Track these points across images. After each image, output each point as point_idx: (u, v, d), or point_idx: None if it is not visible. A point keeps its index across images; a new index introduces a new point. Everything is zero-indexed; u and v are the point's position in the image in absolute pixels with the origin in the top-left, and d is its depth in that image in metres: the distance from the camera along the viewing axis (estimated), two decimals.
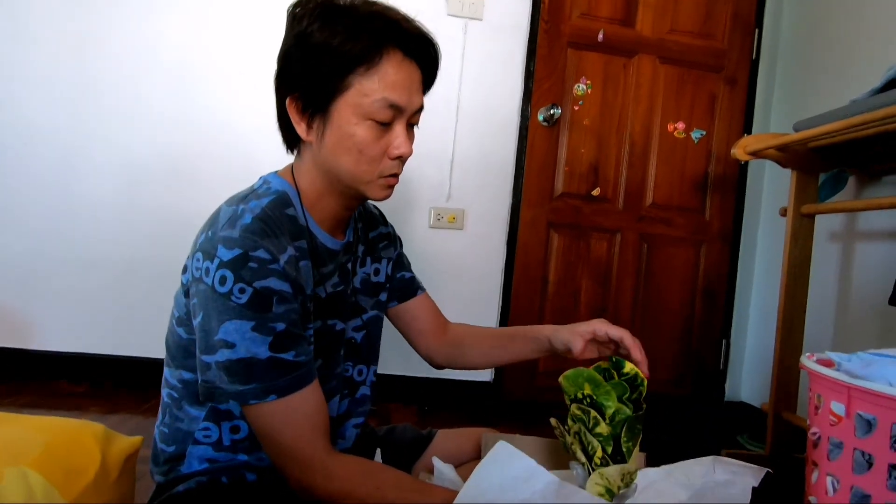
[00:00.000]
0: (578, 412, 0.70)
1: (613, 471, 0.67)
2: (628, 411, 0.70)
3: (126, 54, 1.84)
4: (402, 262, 0.95)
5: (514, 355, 0.92)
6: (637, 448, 0.70)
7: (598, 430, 0.68)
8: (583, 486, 0.67)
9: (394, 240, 0.94)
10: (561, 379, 0.73)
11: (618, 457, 0.69)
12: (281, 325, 0.66)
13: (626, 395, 0.72)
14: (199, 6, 1.86)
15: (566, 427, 0.72)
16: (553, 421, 0.75)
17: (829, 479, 0.64)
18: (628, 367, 0.73)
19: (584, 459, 0.69)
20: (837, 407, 0.64)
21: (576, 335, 0.81)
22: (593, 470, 0.68)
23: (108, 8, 1.82)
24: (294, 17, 0.70)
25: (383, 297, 0.91)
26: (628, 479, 0.67)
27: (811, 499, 0.68)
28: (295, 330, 0.67)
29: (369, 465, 0.71)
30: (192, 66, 1.86)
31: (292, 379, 0.66)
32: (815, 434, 0.68)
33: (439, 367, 0.97)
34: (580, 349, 0.80)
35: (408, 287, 0.95)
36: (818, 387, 0.68)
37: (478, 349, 0.94)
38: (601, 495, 0.65)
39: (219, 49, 1.87)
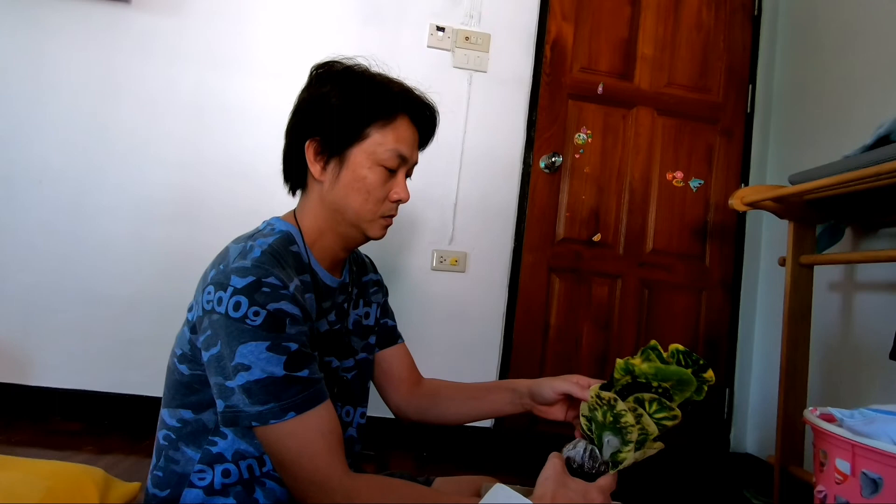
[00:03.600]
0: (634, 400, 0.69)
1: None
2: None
3: (140, 99, 1.90)
4: (386, 310, 1.00)
5: (490, 408, 0.92)
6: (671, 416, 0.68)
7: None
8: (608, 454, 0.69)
9: (382, 287, 1.01)
10: (642, 365, 0.69)
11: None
12: (294, 345, 0.69)
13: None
14: (209, 53, 1.94)
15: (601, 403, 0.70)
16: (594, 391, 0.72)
17: None
18: (709, 374, 0.70)
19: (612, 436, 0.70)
20: (842, 465, 0.63)
21: (571, 383, 0.80)
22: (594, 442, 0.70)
23: (124, 55, 1.90)
24: (319, 78, 0.81)
25: (372, 340, 0.94)
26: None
27: None
28: (307, 350, 0.71)
29: (389, 481, 0.72)
30: (203, 111, 1.93)
31: (308, 395, 0.68)
32: (821, 493, 0.67)
33: (408, 419, 0.98)
34: (581, 395, 0.77)
35: (389, 334, 0.99)
36: (822, 443, 0.68)
37: (452, 402, 0.94)
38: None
39: (229, 95, 1.94)
